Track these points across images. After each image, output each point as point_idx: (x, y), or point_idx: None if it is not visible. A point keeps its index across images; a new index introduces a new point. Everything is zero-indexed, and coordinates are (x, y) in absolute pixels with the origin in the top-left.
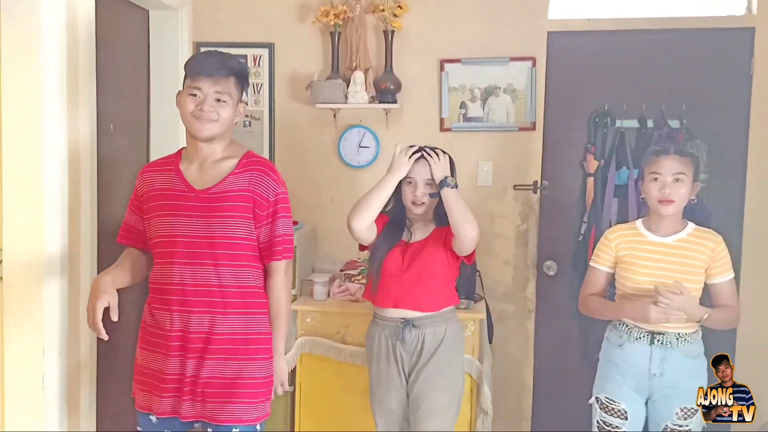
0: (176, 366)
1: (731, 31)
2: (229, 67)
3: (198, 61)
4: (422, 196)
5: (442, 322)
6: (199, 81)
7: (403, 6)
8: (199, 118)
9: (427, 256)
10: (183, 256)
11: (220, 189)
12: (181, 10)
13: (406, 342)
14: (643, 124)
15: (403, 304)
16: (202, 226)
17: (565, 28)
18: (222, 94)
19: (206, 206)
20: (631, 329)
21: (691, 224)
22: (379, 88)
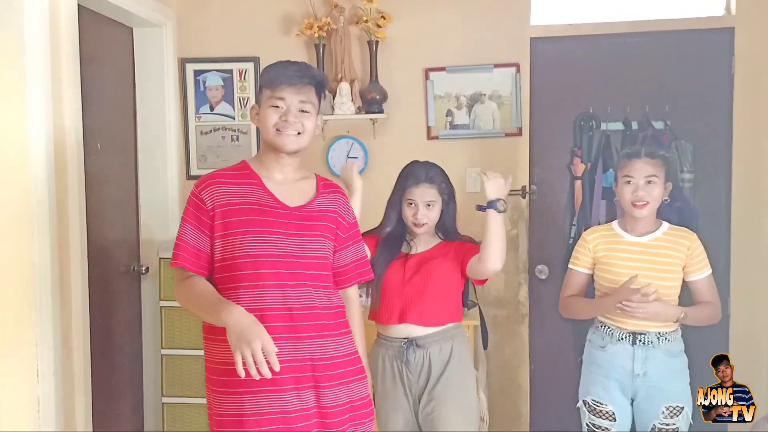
0: (295, 401)
1: (711, 31)
2: (311, 75)
3: (278, 71)
4: (423, 218)
5: (448, 339)
6: (282, 91)
7: (386, 16)
8: (285, 130)
9: (431, 268)
10: (280, 278)
11: (314, 208)
12: (165, 26)
13: (410, 363)
14: (628, 126)
15: (406, 318)
16: (297, 246)
17: (547, 34)
18: (305, 104)
19: (302, 224)
20: (613, 330)
21: (666, 223)
22: (365, 99)
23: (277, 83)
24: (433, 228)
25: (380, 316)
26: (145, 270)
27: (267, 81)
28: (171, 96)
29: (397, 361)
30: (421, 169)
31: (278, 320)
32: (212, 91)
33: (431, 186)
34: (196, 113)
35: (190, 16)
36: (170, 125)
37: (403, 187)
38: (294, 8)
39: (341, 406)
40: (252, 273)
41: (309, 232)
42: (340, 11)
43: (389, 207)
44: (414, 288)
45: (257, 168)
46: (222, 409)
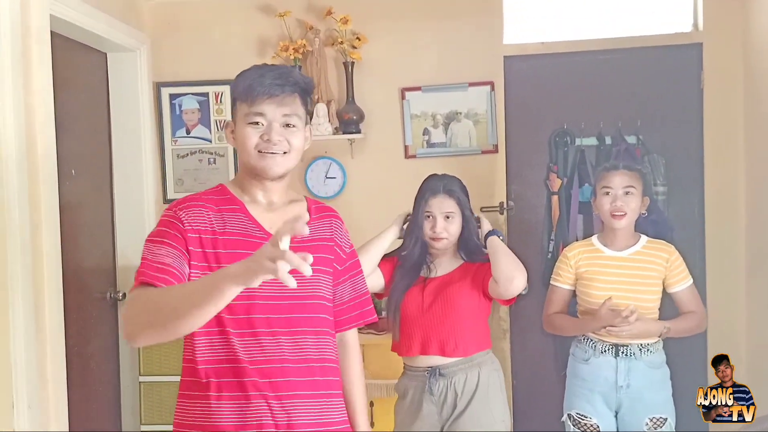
0: None
1: (680, 47)
2: (293, 81)
3: (253, 79)
4: (442, 231)
5: (474, 367)
6: (261, 105)
7: (361, 38)
8: (267, 153)
9: (451, 293)
10: (271, 324)
11: (306, 238)
12: (139, 50)
13: (434, 394)
14: (602, 141)
15: (428, 350)
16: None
17: (520, 52)
18: (290, 117)
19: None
20: (596, 343)
21: (644, 237)
22: (342, 119)
23: (254, 95)
24: (453, 244)
25: (400, 347)
26: (121, 296)
27: (242, 93)
28: (146, 120)
29: (418, 391)
30: (437, 180)
31: (268, 374)
32: (188, 115)
33: (449, 197)
34: (172, 137)
35: (164, 40)
36: (146, 149)
37: (421, 201)
38: (269, 31)
39: None
40: (243, 318)
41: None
42: (315, 33)
43: (409, 228)
44: (434, 316)
45: (238, 193)
46: None
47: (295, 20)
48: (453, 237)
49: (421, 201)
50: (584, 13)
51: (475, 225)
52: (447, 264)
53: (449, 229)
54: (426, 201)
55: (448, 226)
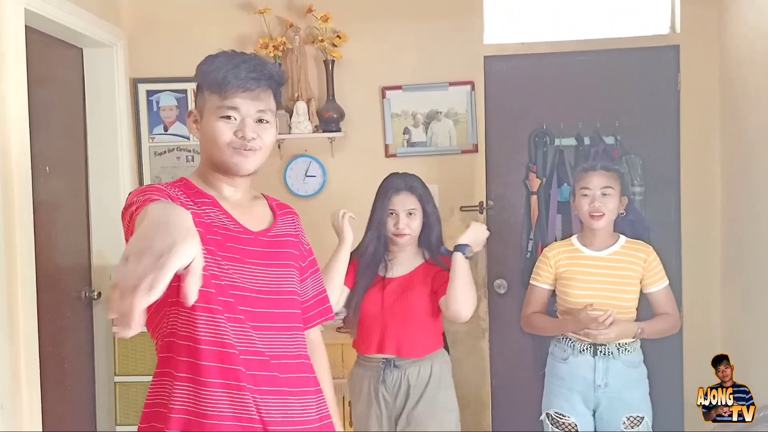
0: None
1: (657, 49)
2: (269, 75)
3: (227, 70)
4: (404, 227)
5: (427, 361)
6: (234, 98)
7: (342, 36)
8: (241, 149)
9: (412, 296)
10: (252, 318)
11: (278, 233)
12: (116, 46)
13: (387, 383)
14: (580, 141)
15: (385, 349)
16: (267, 279)
17: (500, 52)
18: (264, 113)
19: (270, 252)
20: (574, 342)
21: (623, 237)
22: (322, 118)
23: (228, 88)
24: (415, 241)
25: (359, 345)
26: (97, 295)
27: (214, 83)
28: (123, 117)
29: (374, 381)
30: (399, 178)
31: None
32: (166, 112)
33: (411, 193)
34: (149, 134)
35: (141, 36)
36: (122, 147)
37: (384, 198)
38: (249, 28)
39: None
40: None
41: (278, 261)
42: (295, 31)
43: (369, 227)
44: (393, 317)
45: (204, 188)
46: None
47: (275, 18)
48: (415, 233)
49: (384, 199)
50: (564, 15)
51: (436, 220)
52: (407, 263)
53: (411, 225)
54: (389, 199)
55: (410, 222)
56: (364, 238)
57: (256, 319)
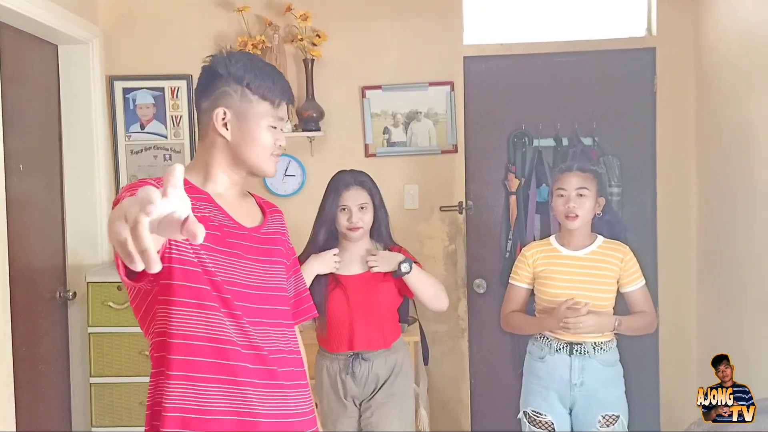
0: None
1: (634, 51)
2: (290, 87)
3: (275, 80)
4: (358, 221)
5: (393, 352)
6: (283, 110)
7: (321, 35)
8: (275, 156)
9: (377, 291)
10: (249, 313)
11: (269, 230)
12: (92, 43)
13: (356, 375)
14: (559, 142)
15: (355, 346)
16: (261, 274)
17: (479, 53)
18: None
19: (263, 249)
20: (551, 341)
21: (600, 237)
22: (301, 117)
23: (280, 99)
24: (367, 234)
25: (329, 343)
26: (72, 295)
27: (267, 91)
28: (98, 115)
29: (342, 374)
30: (348, 174)
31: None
32: (143, 110)
33: (361, 188)
34: (125, 132)
35: (118, 33)
36: (98, 145)
37: (334, 194)
38: (227, 26)
39: None
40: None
41: (270, 257)
42: (274, 29)
43: (317, 225)
44: (362, 315)
45: (200, 183)
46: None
47: (253, 16)
48: (367, 226)
49: (334, 195)
50: (542, 16)
51: (384, 213)
52: (361, 258)
53: (364, 219)
54: (340, 194)
55: (362, 215)
56: (314, 235)
57: (252, 315)
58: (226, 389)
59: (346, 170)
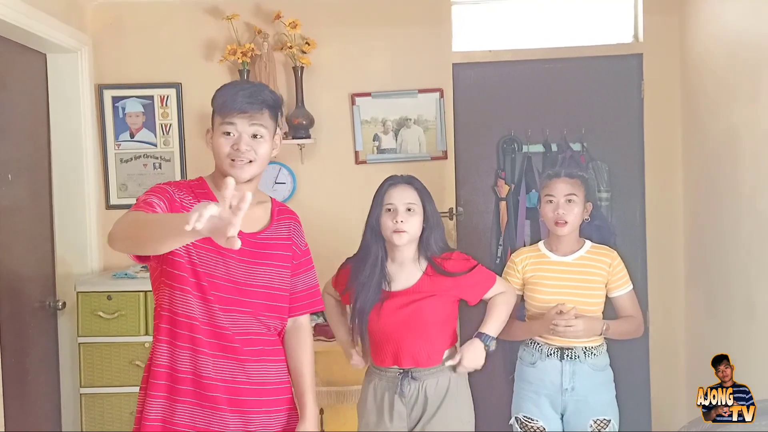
0: (225, 420)
1: (621, 57)
2: (262, 99)
3: (228, 96)
4: (403, 223)
5: (445, 371)
6: (232, 117)
7: (311, 42)
8: (237, 160)
9: (422, 308)
10: (223, 302)
11: (268, 235)
12: (80, 52)
13: (405, 395)
14: (548, 148)
15: (402, 362)
16: (243, 272)
17: (468, 60)
18: (259, 129)
19: (252, 252)
20: (542, 346)
21: (588, 242)
22: (291, 124)
23: (227, 109)
24: (415, 244)
25: (375, 358)
26: (61, 305)
27: (217, 106)
28: (88, 123)
29: (389, 392)
30: (397, 176)
31: (211, 336)
32: (132, 118)
33: (410, 186)
34: (115, 141)
35: (107, 42)
36: (87, 154)
37: (380, 194)
38: (216, 34)
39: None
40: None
41: (259, 260)
42: (264, 37)
43: (364, 231)
44: (405, 332)
45: (213, 190)
46: (149, 412)
47: (243, 24)
48: (414, 233)
49: (381, 194)
50: (530, 23)
51: (437, 221)
52: (408, 274)
53: (411, 222)
54: (386, 192)
55: (409, 218)
56: (362, 243)
57: (225, 303)
58: (190, 354)
59: (396, 174)
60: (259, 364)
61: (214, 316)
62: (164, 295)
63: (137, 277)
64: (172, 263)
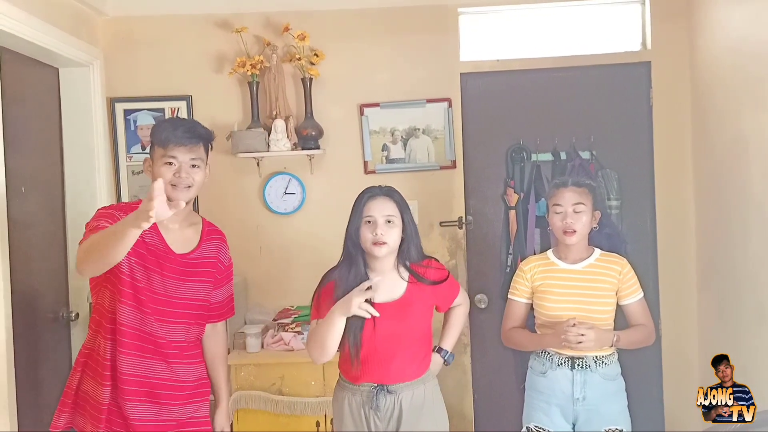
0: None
1: (629, 66)
2: (199, 134)
3: (168, 132)
4: (383, 235)
5: (420, 384)
6: (173, 150)
7: (319, 54)
8: (177, 186)
9: (408, 323)
10: (156, 313)
11: (197, 255)
12: (92, 66)
13: (380, 410)
14: (557, 156)
15: (387, 379)
16: (174, 287)
17: (476, 69)
18: (195, 160)
19: (183, 270)
20: (553, 356)
21: (598, 250)
22: (300, 135)
23: (169, 143)
24: (394, 254)
25: (350, 373)
26: (74, 316)
27: (159, 141)
28: (100, 136)
29: (365, 407)
30: (375, 187)
31: (148, 343)
32: (143, 131)
33: (389, 199)
34: (127, 153)
35: (118, 55)
36: (99, 166)
37: (359, 206)
38: (226, 46)
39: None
40: (131, 298)
41: (188, 277)
42: (273, 49)
43: (345, 242)
44: (392, 347)
45: None
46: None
47: (252, 36)
48: (394, 244)
49: (360, 206)
50: (538, 32)
51: (415, 232)
52: (392, 284)
53: (390, 233)
54: (365, 204)
55: (388, 229)
56: (343, 253)
57: (159, 314)
58: (127, 354)
59: (374, 185)
60: (184, 365)
61: (145, 323)
62: (105, 297)
63: None
64: (115, 276)
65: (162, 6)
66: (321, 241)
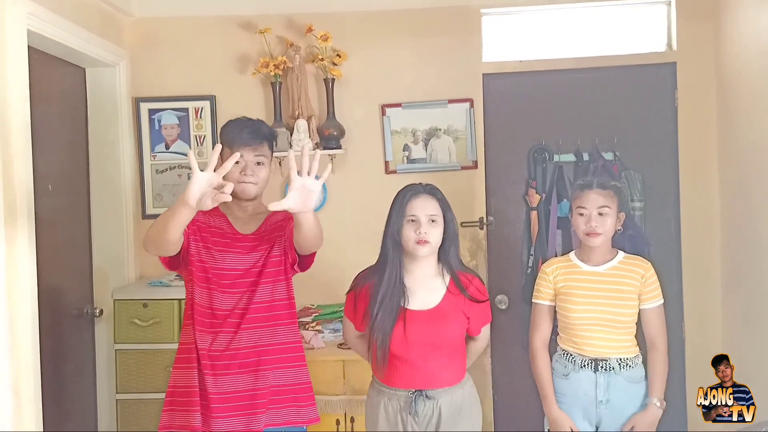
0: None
1: (654, 66)
2: (263, 134)
3: (235, 133)
4: (426, 234)
5: (458, 389)
6: (239, 150)
7: (341, 54)
8: (243, 183)
9: (443, 330)
10: (223, 286)
11: (260, 232)
12: (119, 66)
13: (419, 416)
14: (579, 157)
15: (418, 384)
16: (237, 262)
17: (498, 70)
18: (260, 158)
19: (247, 246)
20: (575, 358)
21: (621, 252)
22: (322, 135)
23: (234, 143)
24: (435, 254)
25: (386, 378)
26: (99, 313)
27: (227, 141)
28: (125, 135)
29: (403, 413)
30: (417, 185)
31: (211, 317)
32: (167, 130)
33: (432, 197)
34: (151, 152)
35: (143, 56)
36: (124, 165)
37: (401, 204)
38: (250, 47)
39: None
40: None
41: (250, 251)
42: (295, 50)
43: (383, 240)
44: (426, 354)
45: (223, 209)
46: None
47: (275, 37)
48: (436, 243)
49: (402, 205)
50: (561, 33)
51: (455, 232)
52: (429, 290)
53: (433, 234)
54: (407, 202)
55: (432, 229)
56: (381, 251)
57: (222, 286)
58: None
59: (415, 183)
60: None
61: (216, 299)
62: (188, 289)
63: (172, 285)
64: (191, 263)
65: (187, 7)
66: (342, 240)
